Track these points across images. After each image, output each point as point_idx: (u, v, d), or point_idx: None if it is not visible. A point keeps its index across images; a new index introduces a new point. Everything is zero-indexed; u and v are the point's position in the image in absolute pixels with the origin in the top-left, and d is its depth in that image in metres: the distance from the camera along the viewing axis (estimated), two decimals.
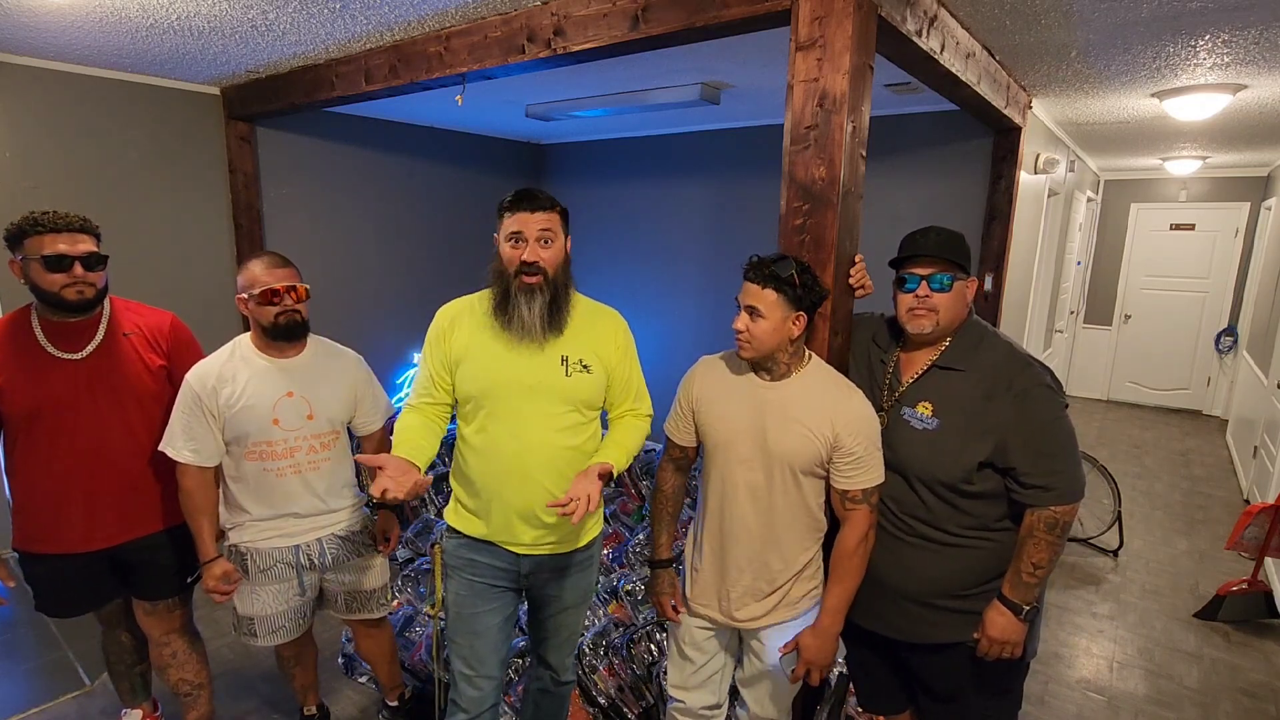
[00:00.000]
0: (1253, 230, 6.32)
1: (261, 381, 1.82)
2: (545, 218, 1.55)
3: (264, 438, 1.82)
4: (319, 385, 1.90)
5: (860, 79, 1.71)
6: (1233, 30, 2.33)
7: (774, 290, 1.49)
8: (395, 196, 4.74)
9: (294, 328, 1.83)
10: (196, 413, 1.78)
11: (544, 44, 2.30)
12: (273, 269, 1.81)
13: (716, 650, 1.76)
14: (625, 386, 1.72)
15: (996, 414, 1.49)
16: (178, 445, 1.79)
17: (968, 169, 3.72)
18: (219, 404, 1.78)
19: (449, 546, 1.74)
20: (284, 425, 1.84)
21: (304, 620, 2.04)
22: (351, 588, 2.04)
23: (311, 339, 1.94)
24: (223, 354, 1.84)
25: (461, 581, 1.71)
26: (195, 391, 1.77)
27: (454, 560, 1.72)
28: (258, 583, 1.91)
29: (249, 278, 1.79)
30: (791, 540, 1.61)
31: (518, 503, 1.61)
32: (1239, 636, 3.03)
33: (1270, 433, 4.12)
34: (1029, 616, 1.53)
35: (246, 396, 1.80)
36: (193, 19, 2.54)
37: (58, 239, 1.68)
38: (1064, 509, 1.48)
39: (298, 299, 1.81)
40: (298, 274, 1.86)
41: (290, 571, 1.93)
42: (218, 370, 1.80)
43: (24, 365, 1.73)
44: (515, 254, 1.56)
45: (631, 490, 4.15)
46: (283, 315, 1.80)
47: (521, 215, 1.54)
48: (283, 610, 1.97)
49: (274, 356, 1.85)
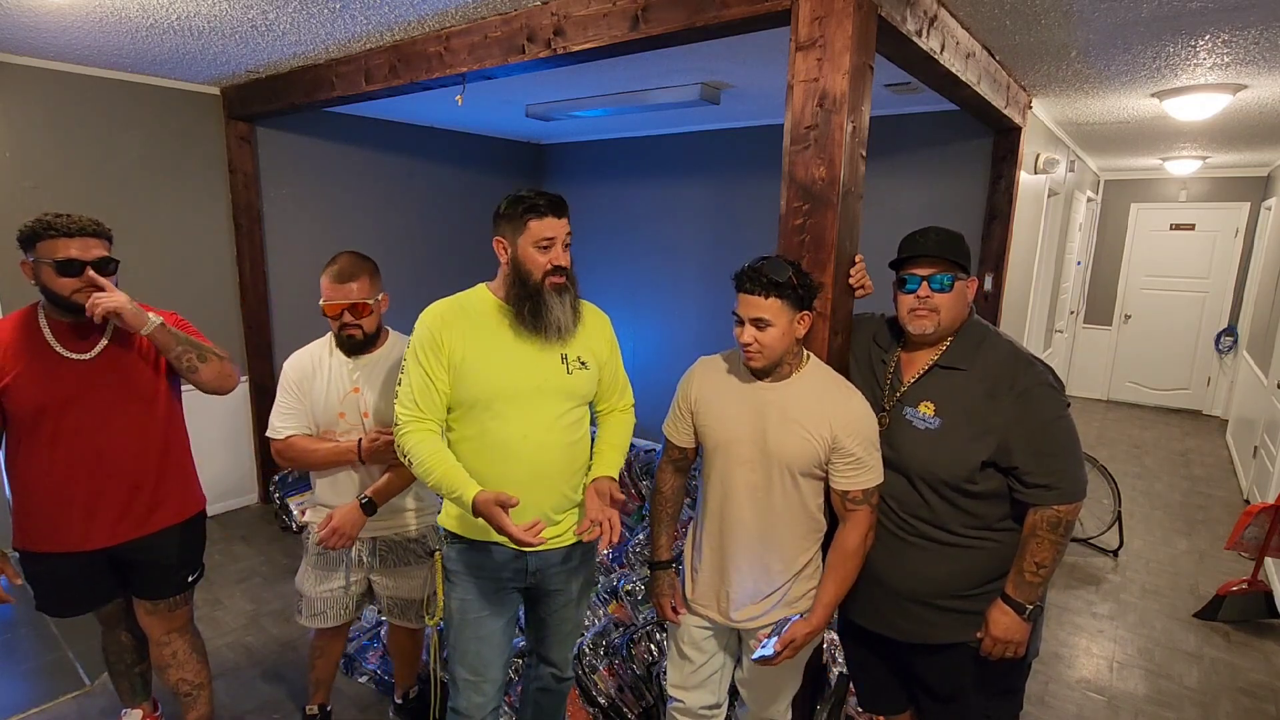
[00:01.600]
0: (1253, 230, 6.32)
1: (336, 375, 1.93)
2: (567, 224, 1.60)
3: (330, 428, 1.94)
4: (381, 385, 1.94)
5: (860, 79, 1.71)
6: (1233, 30, 2.33)
7: (777, 297, 1.48)
8: (395, 196, 4.74)
9: (354, 344, 1.91)
10: (292, 395, 1.94)
11: (544, 44, 2.30)
12: (337, 284, 1.85)
13: (716, 650, 1.76)
14: (614, 381, 1.77)
15: (999, 413, 1.49)
16: (278, 427, 1.94)
17: (968, 169, 3.72)
18: (306, 390, 1.94)
19: (451, 553, 1.71)
20: (348, 419, 1.93)
21: (346, 611, 2.08)
22: (394, 593, 2.06)
23: (394, 336, 2.02)
24: (319, 345, 1.99)
25: (467, 587, 1.69)
26: (291, 378, 1.94)
27: (457, 567, 1.70)
28: (310, 562, 2.02)
29: (322, 284, 1.87)
30: (791, 541, 1.61)
31: (529, 502, 1.61)
32: (1239, 636, 3.03)
33: (1270, 433, 4.12)
34: (1032, 616, 1.53)
35: (323, 387, 1.93)
36: (193, 19, 2.54)
37: (70, 244, 1.68)
38: (1067, 508, 1.48)
39: (357, 315, 1.87)
40: (370, 280, 1.89)
41: (339, 564, 2.01)
42: (311, 361, 1.96)
43: (32, 364, 1.73)
44: (547, 258, 1.56)
45: (631, 490, 4.15)
46: (344, 330, 1.89)
47: (552, 221, 1.55)
48: (325, 596, 2.03)
49: (351, 353, 1.94)
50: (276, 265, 4.10)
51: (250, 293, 3.96)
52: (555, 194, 1.59)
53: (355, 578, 2.04)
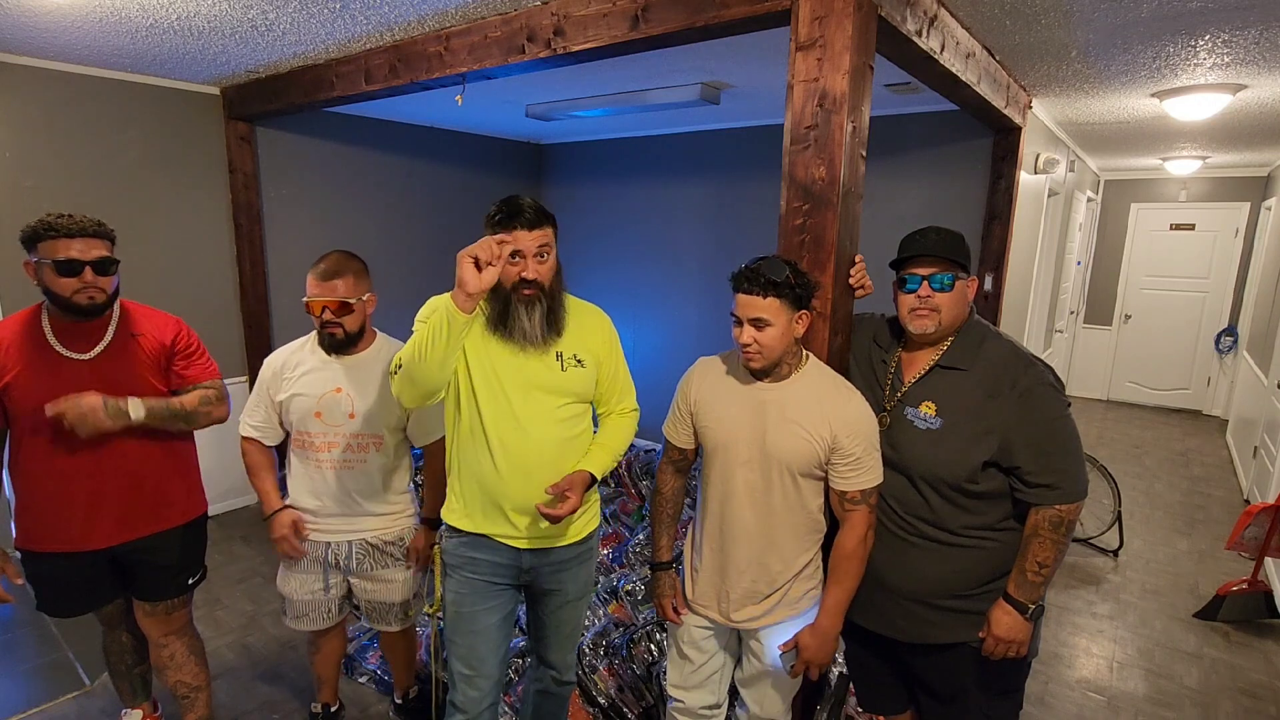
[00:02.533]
0: (1253, 230, 6.32)
1: (318, 374, 1.91)
2: (541, 234, 1.54)
3: (304, 428, 1.91)
4: (368, 386, 1.93)
5: (860, 79, 1.71)
6: (1233, 30, 2.33)
7: (775, 296, 1.48)
8: (395, 196, 4.74)
9: (335, 342, 1.90)
10: (261, 393, 1.93)
11: (544, 44, 2.30)
12: (321, 281, 1.84)
13: (716, 650, 1.76)
14: (613, 381, 1.76)
15: (1000, 413, 1.49)
16: (244, 422, 1.95)
17: (968, 169, 3.72)
18: (277, 389, 1.91)
19: (449, 546, 1.73)
20: (326, 419, 1.90)
21: (329, 614, 2.08)
22: (372, 597, 2.06)
23: (381, 338, 2.00)
24: (297, 343, 1.97)
25: (461, 580, 1.71)
26: (263, 375, 1.93)
27: (453, 559, 1.72)
28: (289, 566, 2.01)
29: (308, 280, 1.86)
30: (791, 542, 1.61)
31: (521, 497, 1.62)
32: (1239, 636, 3.03)
33: (1270, 433, 4.12)
34: (1034, 615, 1.53)
35: (300, 386, 1.90)
36: (193, 19, 2.54)
37: (71, 244, 1.68)
38: (1069, 508, 1.48)
39: (339, 314, 1.85)
40: (355, 279, 1.87)
41: (317, 566, 2.00)
42: (285, 358, 1.94)
43: (33, 364, 1.74)
44: (514, 270, 1.54)
45: (631, 490, 4.15)
46: (326, 328, 1.88)
47: (518, 233, 1.52)
48: (306, 600, 2.03)
49: (336, 353, 1.92)
50: (276, 265, 4.10)
51: (250, 293, 3.96)
52: (524, 199, 1.54)
53: (334, 580, 2.03)
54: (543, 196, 5.70)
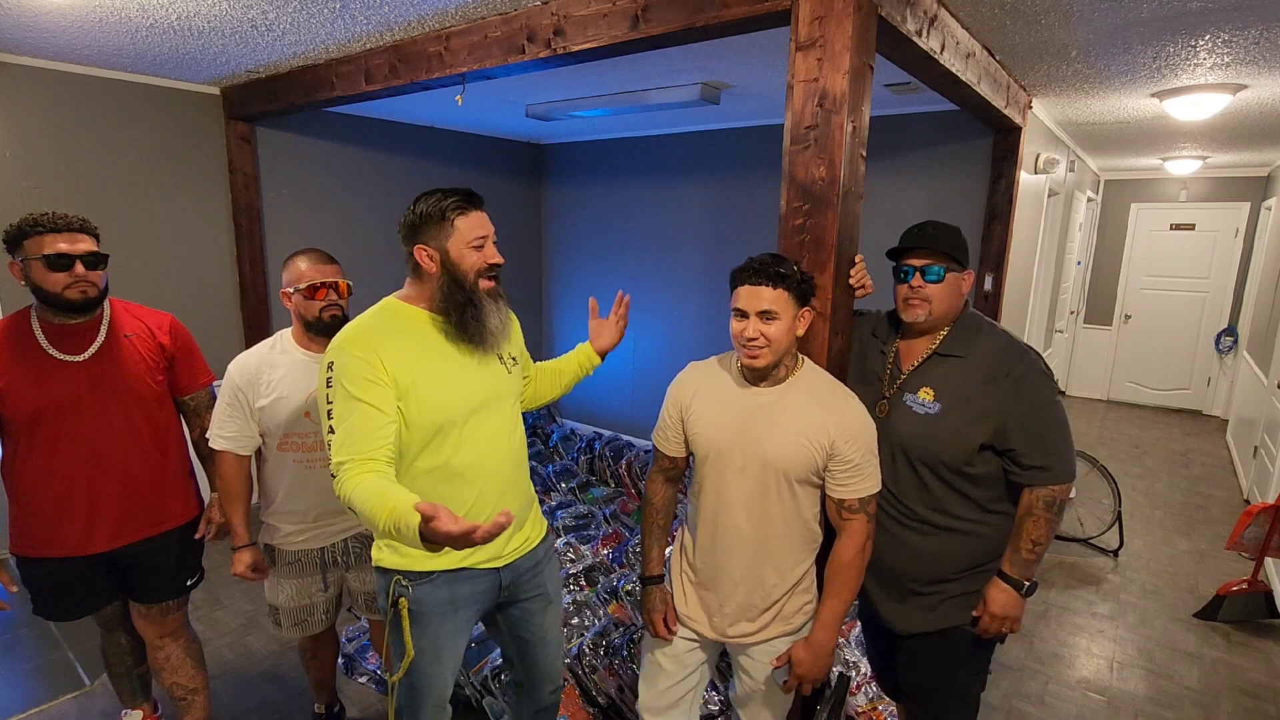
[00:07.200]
0: (1253, 230, 6.32)
1: (298, 374, 1.86)
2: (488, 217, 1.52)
3: (295, 429, 1.86)
4: None
5: (860, 79, 1.71)
6: (1233, 30, 2.33)
7: (783, 288, 1.46)
8: (395, 197, 4.74)
9: (336, 323, 1.87)
10: (234, 402, 1.84)
11: (544, 44, 2.30)
12: (318, 264, 1.86)
13: (697, 665, 1.69)
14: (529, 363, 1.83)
15: (996, 398, 1.54)
16: (215, 432, 1.86)
17: (968, 169, 3.72)
18: (255, 394, 1.83)
19: (421, 594, 1.51)
20: (314, 418, 1.87)
21: (326, 616, 2.07)
22: (370, 587, 2.05)
23: None
24: (264, 346, 1.90)
25: (441, 623, 1.54)
26: (235, 382, 1.83)
27: (428, 608, 1.52)
28: (282, 575, 1.98)
29: (295, 273, 1.85)
30: (786, 553, 1.57)
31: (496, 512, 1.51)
32: (1239, 636, 3.03)
33: (1270, 433, 4.12)
34: (1028, 592, 1.59)
35: (281, 388, 1.84)
36: (193, 19, 2.54)
37: (58, 239, 1.67)
38: (1060, 488, 1.55)
39: (341, 294, 1.88)
40: (341, 270, 1.91)
41: (315, 569, 1.98)
42: (257, 362, 1.85)
43: (25, 368, 1.71)
44: (482, 257, 1.47)
45: (631, 490, 4.15)
46: (327, 310, 1.86)
47: (479, 216, 1.46)
48: (305, 605, 2.01)
49: (314, 351, 1.89)
50: (276, 265, 4.09)
51: (250, 293, 3.96)
52: (466, 187, 1.50)
53: (332, 578, 2.01)
54: (543, 196, 5.71)
